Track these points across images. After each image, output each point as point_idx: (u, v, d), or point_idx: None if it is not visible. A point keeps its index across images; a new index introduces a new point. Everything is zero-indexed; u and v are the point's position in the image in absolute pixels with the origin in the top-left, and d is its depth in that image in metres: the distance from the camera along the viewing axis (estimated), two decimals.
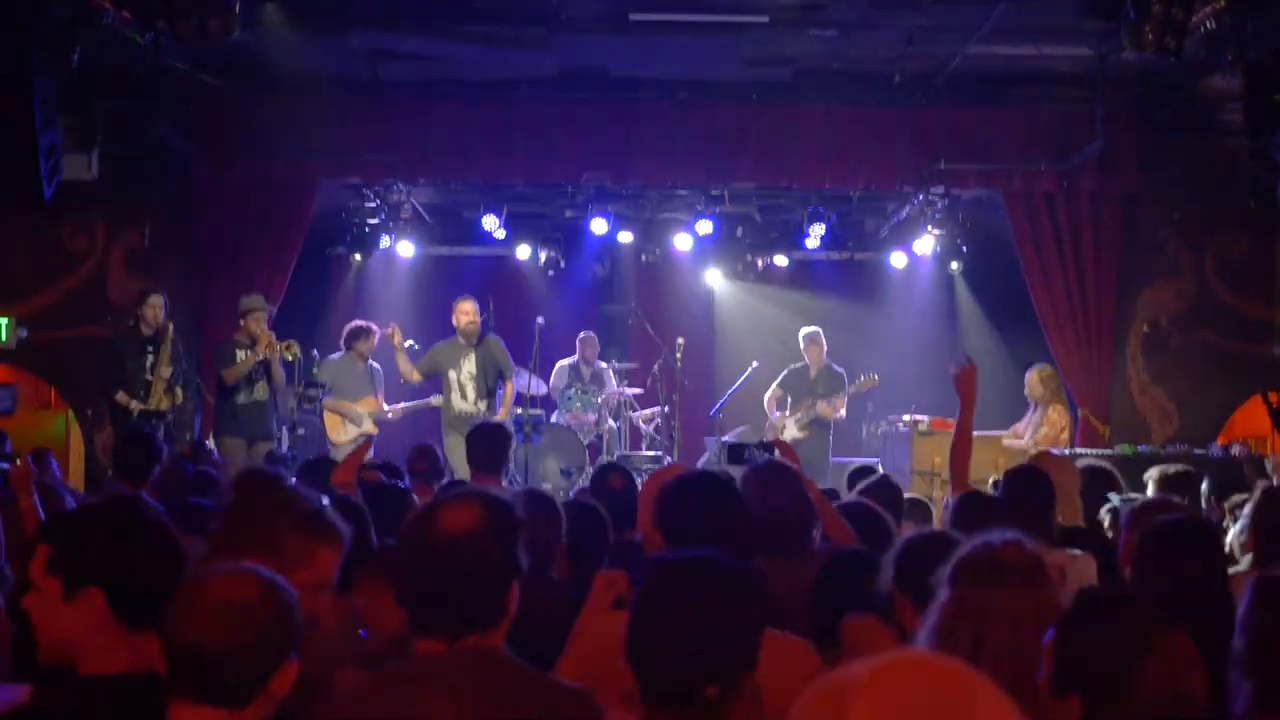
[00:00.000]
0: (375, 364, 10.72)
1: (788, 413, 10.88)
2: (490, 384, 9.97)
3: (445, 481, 6.49)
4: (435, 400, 10.97)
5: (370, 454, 9.57)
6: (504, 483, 6.34)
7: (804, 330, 11.21)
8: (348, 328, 10.69)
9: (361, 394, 10.51)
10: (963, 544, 2.71)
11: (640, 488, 4.72)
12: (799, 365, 11.07)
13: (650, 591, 2.27)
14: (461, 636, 2.37)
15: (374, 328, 10.67)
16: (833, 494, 5.73)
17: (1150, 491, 5.95)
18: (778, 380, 11.11)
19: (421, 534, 2.44)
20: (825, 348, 11.08)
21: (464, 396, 9.93)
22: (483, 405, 9.84)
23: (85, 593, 2.37)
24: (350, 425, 10.41)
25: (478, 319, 10.01)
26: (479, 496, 2.51)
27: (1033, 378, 10.05)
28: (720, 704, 2.17)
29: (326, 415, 10.43)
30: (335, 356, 10.57)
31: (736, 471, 4.46)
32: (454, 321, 10.18)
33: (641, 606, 2.26)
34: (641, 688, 2.21)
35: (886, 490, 5.40)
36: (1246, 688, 2.54)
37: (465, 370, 10.01)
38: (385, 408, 10.65)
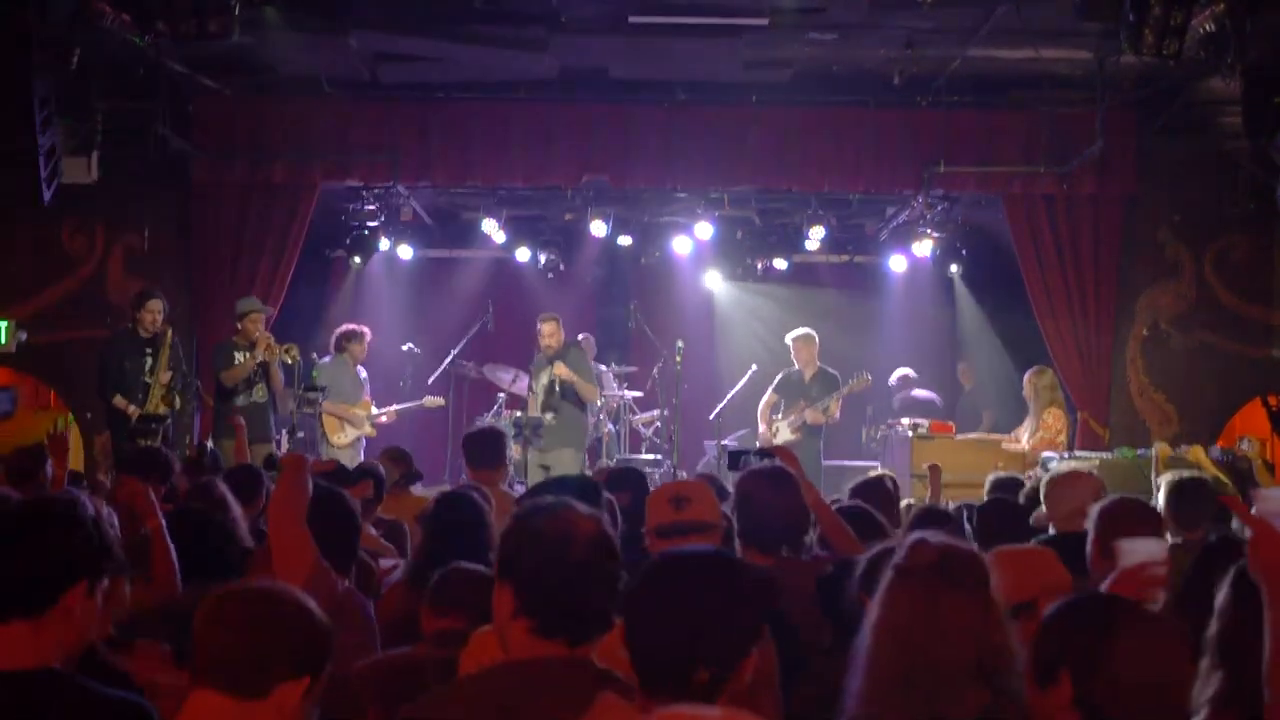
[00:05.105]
0: (362, 367, 10.83)
1: (779, 416, 10.79)
2: (567, 395, 10.14)
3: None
4: (429, 402, 11.27)
5: (361, 457, 9.89)
6: (503, 486, 6.36)
7: (793, 333, 11.05)
8: (339, 331, 10.82)
9: (356, 397, 10.65)
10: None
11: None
12: (793, 369, 10.98)
13: (645, 582, 2.32)
14: (582, 642, 2.38)
15: (366, 331, 10.80)
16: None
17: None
18: (772, 386, 10.99)
19: (558, 544, 2.39)
20: (817, 349, 10.96)
21: (536, 406, 10.26)
22: (548, 416, 10.10)
23: None
24: (349, 428, 10.55)
25: (554, 340, 10.17)
26: (574, 502, 2.50)
27: (1027, 380, 10.06)
28: (713, 689, 2.19)
29: (326, 418, 10.49)
30: (327, 360, 10.69)
31: (734, 479, 4.34)
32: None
33: (634, 595, 2.30)
34: (637, 672, 2.25)
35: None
36: (1217, 677, 2.55)
37: (542, 383, 10.23)
38: (375, 410, 10.78)
